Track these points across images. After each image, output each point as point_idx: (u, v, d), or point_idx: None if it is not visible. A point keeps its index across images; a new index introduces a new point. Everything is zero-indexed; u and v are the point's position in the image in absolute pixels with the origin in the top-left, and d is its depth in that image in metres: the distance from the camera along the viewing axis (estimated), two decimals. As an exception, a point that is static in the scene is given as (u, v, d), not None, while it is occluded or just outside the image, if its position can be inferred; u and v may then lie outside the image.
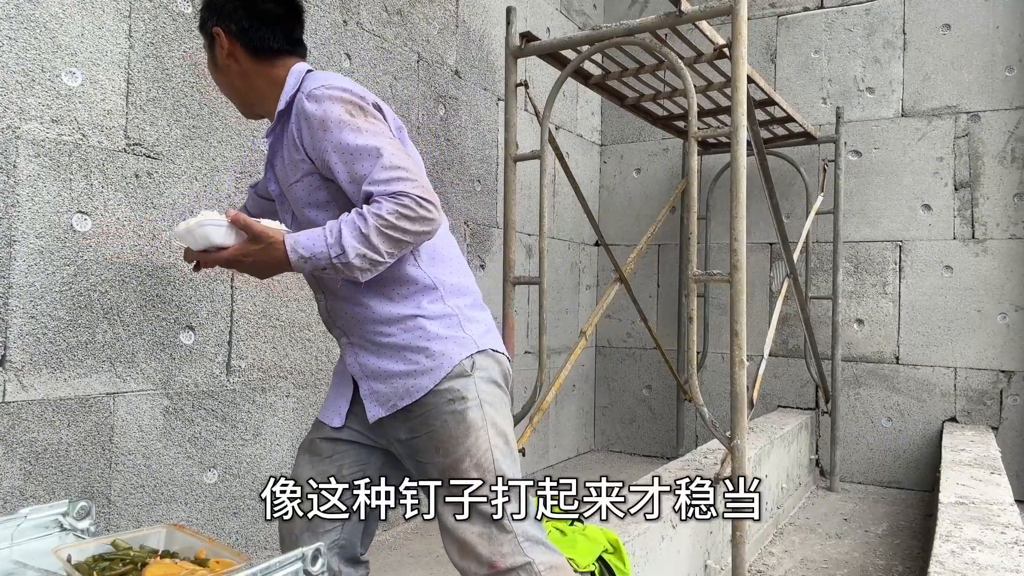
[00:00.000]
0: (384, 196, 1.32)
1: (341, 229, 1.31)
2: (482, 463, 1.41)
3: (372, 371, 1.47)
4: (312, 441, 1.57)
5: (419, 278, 1.46)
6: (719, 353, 5.19)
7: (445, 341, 1.44)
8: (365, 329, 1.47)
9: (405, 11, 3.60)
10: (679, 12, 2.62)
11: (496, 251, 4.30)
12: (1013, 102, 4.39)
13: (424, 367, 1.42)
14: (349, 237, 1.30)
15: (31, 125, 2.15)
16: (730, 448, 2.57)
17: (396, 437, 1.48)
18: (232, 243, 1.31)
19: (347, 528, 1.55)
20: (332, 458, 1.54)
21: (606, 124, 5.67)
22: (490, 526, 1.39)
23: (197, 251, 1.32)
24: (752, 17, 5.07)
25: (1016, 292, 4.35)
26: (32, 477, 2.16)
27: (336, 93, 1.39)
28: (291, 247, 1.31)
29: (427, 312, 1.45)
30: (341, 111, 1.37)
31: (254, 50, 1.48)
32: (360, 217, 1.31)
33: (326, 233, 1.31)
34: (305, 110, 1.39)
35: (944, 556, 2.23)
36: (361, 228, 1.30)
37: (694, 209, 2.67)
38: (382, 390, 1.45)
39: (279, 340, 2.95)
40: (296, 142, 1.42)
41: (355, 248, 1.30)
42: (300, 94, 1.42)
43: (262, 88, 1.51)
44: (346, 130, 1.36)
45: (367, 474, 1.55)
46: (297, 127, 1.41)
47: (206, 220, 1.28)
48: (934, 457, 4.42)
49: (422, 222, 1.34)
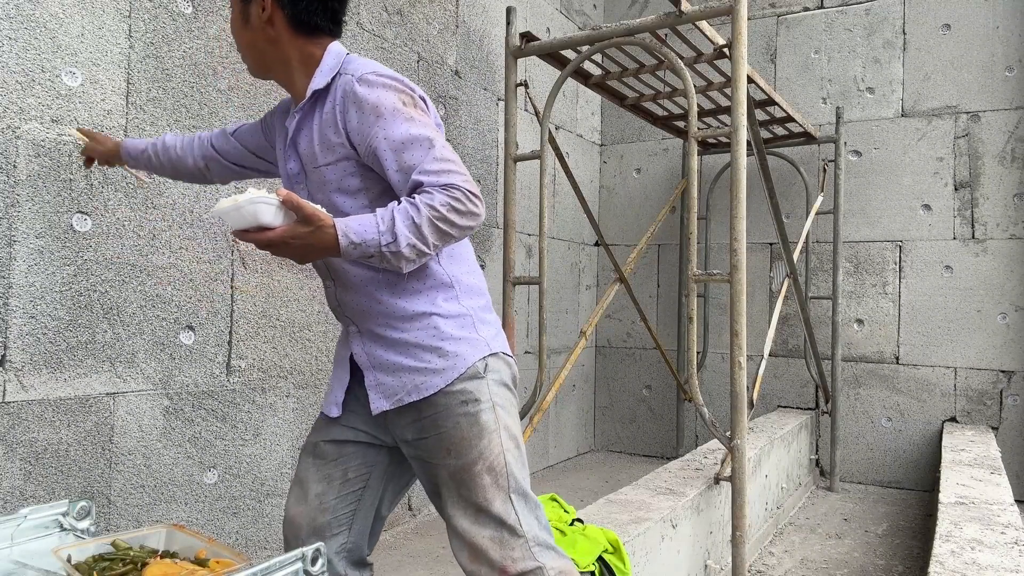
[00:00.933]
0: (436, 187, 1.30)
1: (394, 217, 1.27)
2: (495, 466, 1.39)
3: (380, 362, 1.44)
4: (316, 444, 1.55)
5: (438, 274, 1.44)
6: (719, 353, 5.19)
7: (459, 342, 1.42)
8: (376, 322, 1.45)
9: (405, 11, 3.60)
10: (679, 12, 2.62)
11: (496, 251, 4.30)
12: (1013, 102, 4.39)
13: (436, 366, 1.40)
14: (402, 226, 1.27)
15: (31, 125, 2.15)
16: (730, 448, 2.57)
17: (403, 438, 1.46)
18: (280, 224, 1.24)
19: (354, 531, 1.54)
20: (337, 461, 1.52)
21: (606, 124, 5.67)
22: (502, 530, 1.38)
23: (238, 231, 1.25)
24: (752, 17, 5.07)
25: (1016, 292, 4.36)
26: (32, 477, 2.16)
27: (389, 81, 1.37)
28: (343, 232, 1.26)
29: (442, 311, 1.43)
30: (395, 99, 1.35)
31: (298, 23, 1.43)
32: (413, 207, 1.28)
33: (378, 220, 1.27)
34: (357, 94, 1.36)
35: (944, 556, 2.23)
36: (414, 218, 1.27)
37: (694, 209, 2.67)
38: (389, 382, 1.43)
39: (279, 340, 2.95)
40: (338, 124, 1.39)
41: (407, 237, 1.27)
42: (348, 76, 1.38)
43: (291, 61, 1.46)
44: (400, 118, 1.34)
45: (373, 476, 1.54)
46: (342, 110, 1.38)
47: (257, 198, 1.20)
48: (934, 457, 4.42)
49: (470, 216, 1.32)
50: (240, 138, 1.72)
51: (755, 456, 3.33)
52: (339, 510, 1.51)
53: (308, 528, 1.50)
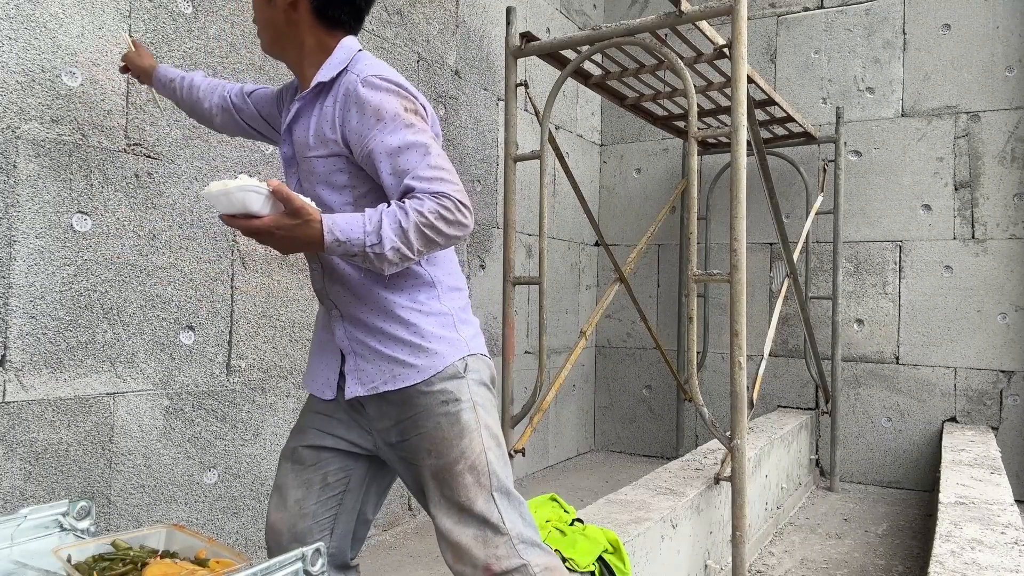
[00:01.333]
0: (427, 194, 1.31)
1: (382, 219, 1.28)
2: (477, 465, 1.40)
3: (361, 348, 1.45)
4: (295, 449, 1.54)
5: (420, 274, 1.46)
6: (719, 353, 5.19)
7: (440, 340, 1.43)
8: (359, 310, 1.45)
9: (405, 11, 3.60)
10: (679, 12, 2.62)
11: (496, 251, 4.30)
12: (1013, 102, 4.39)
13: (414, 362, 1.41)
14: (388, 229, 1.27)
15: (31, 125, 2.15)
16: (730, 448, 2.57)
17: (387, 441, 1.47)
18: (268, 213, 1.24)
19: (336, 536, 1.54)
20: (316, 466, 1.52)
21: (606, 124, 5.67)
22: (485, 529, 1.39)
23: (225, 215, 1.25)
24: (752, 17, 5.07)
25: (1016, 292, 4.36)
26: (32, 477, 2.16)
27: (393, 87, 1.38)
28: (328, 228, 1.27)
29: (423, 308, 1.44)
30: (397, 104, 1.37)
31: (321, 13, 1.45)
32: (401, 211, 1.29)
33: (365, 220, 1.29)
34: (360, 95, 1.36)
35: (944, 556, 2.23)
36: (401, 222, 1.28)
37: (694, 209, 2.67)
38: (367, 368, 1.43)
39: (279, 340, 2.95)
40: (334, 122, 1.40)
41: (392, 241, 1.28)
42: (353, 76, 1.39)
43: (306, 46, 1.47)
44: (400, 124, 1.35)
45: (353, 479, 1.54)
46: (343, 108, 1.39)
47: (248, 185, 1.20)
48: (934, 457, 4.42)
49: (457, 226, 1.33)
50: (255, 100, 1.73)
51: (755, 456, 3.33)
52: (319, 515, 1.51)
53: (289, 534, 1.50)
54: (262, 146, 2.86)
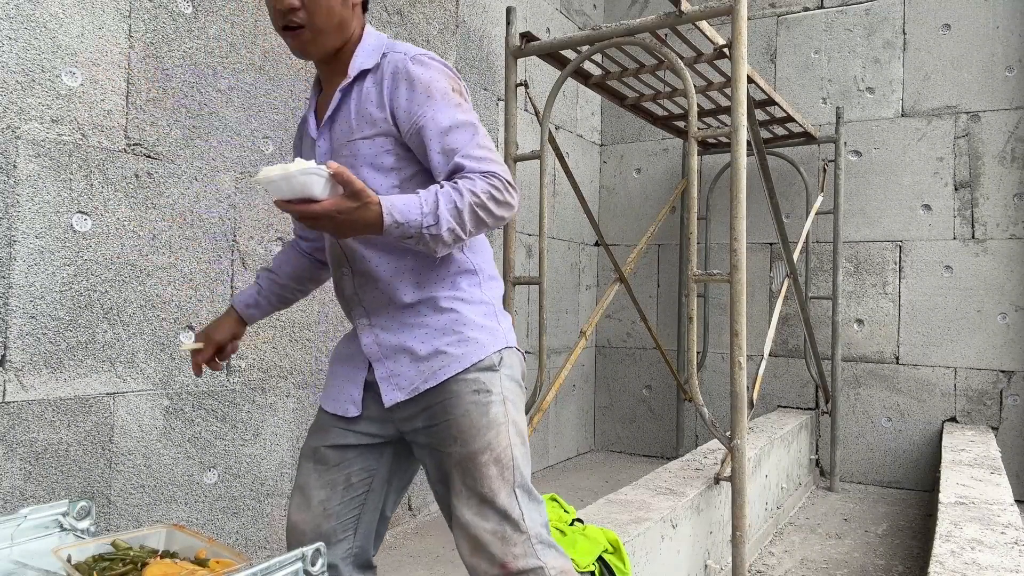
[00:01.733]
0: (477, 174, 1.31)
1: (438, 200, 1.27)
2: (502, 459, 1.38)
3: (395, 353, 1.43)
4: (316, 449, 1.53)
5: (461, 260, 1.45)
6: (719, 353, 5.19)
7: (481, 329, 1.42)
8: (394, 309, 1.44)
9: (405, 11, 3.60)
10: (679, 12, 2.62)
11: (496, 251, 4.30)
12: (1013, 102, 4.39)
13: (455, 352, 1.39)
14: (444, 210, 1.27)
15: (31, 125, 2.15)
16: (730, 448, 2.57)
17: (412, 427, 1.45)
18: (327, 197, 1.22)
19: (359, 535, 1.52)
20: (340, 466, 1.50)
21: (606, 124, 5.67)
22: (504, 524, 1.37)
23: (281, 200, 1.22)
24: (752, 17, 5.07)
25: (1016, 292, 4.36)
26: (32, 477, 2.16)
27: (441, 66, 1.40)
28: (387, 210, 1.25)
29: (465, 296, 1.43)
30: (447, 83, 1.38)
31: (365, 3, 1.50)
32: (456, 191, 1.28)
33: (421, 201, 1.27)
34: (410, 72, 1.37)
35: (944, 556, 2.23)
36: (457, 202, 1.27)
37: (694, 209, 2.67)
38: (405, 372, 1.42)
39: (279, 340, 2.95)
40: (383, 99, 1.40)
41: (448, 222, 1.27)
42: (400, 55, 1.40)
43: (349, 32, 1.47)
44: (450, 102, 1.36)
45: (376, 479, 1.52)
46: (391, 86, 1.39)
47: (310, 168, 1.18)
48: (934, 457, 4.42)
49: (506, 207, 1.33)
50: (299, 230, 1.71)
51: (755, 456, 3.33)
52: (343, 515, 1.50)
53: (312, 535, 1.48)
54: (262, 146, 2.86)
